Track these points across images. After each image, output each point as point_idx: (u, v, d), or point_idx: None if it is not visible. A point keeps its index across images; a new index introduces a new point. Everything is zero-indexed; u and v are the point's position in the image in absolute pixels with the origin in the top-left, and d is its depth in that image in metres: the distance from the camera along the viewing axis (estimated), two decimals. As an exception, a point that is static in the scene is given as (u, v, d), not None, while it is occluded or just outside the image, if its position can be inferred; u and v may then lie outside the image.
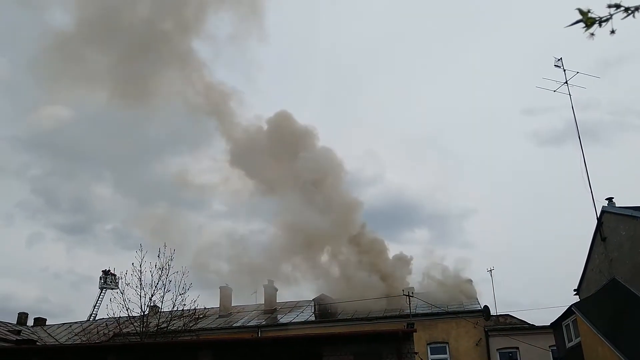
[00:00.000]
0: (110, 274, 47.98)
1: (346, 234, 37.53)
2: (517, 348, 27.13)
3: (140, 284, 23.91)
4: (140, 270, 23.93)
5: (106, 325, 27.54)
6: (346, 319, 30.46)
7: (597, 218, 21.29)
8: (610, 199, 21.11)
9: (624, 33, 2.66)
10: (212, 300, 37.46)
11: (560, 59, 24.23)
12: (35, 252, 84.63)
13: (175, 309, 24.13)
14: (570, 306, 20.22)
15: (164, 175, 57.80)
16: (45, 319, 39.49)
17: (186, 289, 24.22)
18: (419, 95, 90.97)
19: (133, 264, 23.99)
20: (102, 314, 36.86)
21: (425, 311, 29.77)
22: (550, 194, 78.50)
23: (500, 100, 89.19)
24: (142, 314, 24.04)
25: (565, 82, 24.01)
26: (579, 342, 19.28)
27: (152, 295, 23.96)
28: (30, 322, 38.16)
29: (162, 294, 24.02)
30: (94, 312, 48.48)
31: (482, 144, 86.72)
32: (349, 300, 30.98)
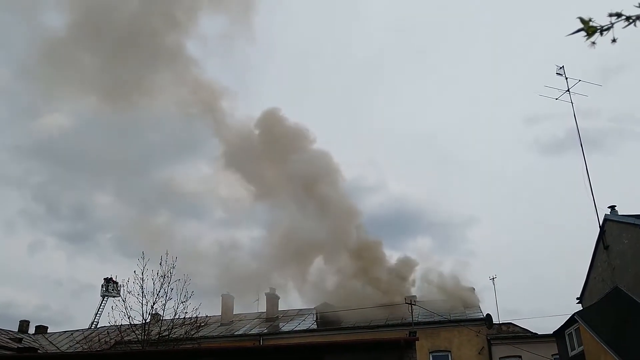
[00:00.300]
0: (112, 282, 47.90)
1: (343, 241, 36.87)
2: (520, 357, 27.02)
3: (142, 292, 23.94)
4: (142, 278, 23.98)
5: (108, 333, 27.45)
6: (348, 327, 30.37)
7: (600, 226, 21.25)
8: (612, 207, 21.08)
9: (624, 41, 2.67)
10: (214, 309, 37.45)
11: (562, 67, 24.26)
12: (36, 260, 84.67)
13: (176, 317, 24.13)
14: (573, 314, 20.16)
15: (162, 182, 57.78)
16: (47, 327, 39.47)
17: (188, 297, 24.27)
18: (420, 103, 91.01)
19: (135, 272, 24.03)
20: (104, 322, 36.77)
21: (428, 319, 29.69)
22: (553, 202, 78.43)
23: (502, 109, 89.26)
24: (144, 321, 24.02)
25: (567, 90, 24.03)
26: (582, 351, 19.21)
27: (154, 303, 23.98)
28: (31, 330, 38.13)
29: (164, 302, 24.05)
30: (96, 320, 48.35)
31: (485, 152, 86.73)
32: (350, 308, 30.89)
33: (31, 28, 54.28)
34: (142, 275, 23.93)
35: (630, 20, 2.59)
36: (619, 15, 2.61)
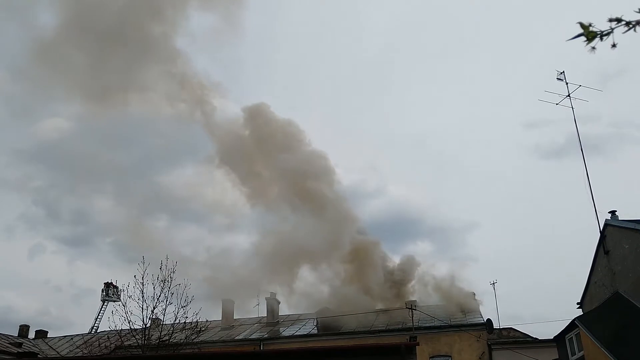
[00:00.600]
0: (112, 287, 47.82)
1: (339, 245, 36.03)
2: (521, 362, 26.98)
3: (142, 297, 23.93)
4: (142, 283, 23.97)
5: (108, 338, 27.39)
6: (348, 332, 30.30)
7: (600, 231, 21.23)
8: (613, 212, 21.05)
9: (623, 46, 2.69)
10: (214, 313, 37.38)
11: (563, 72, 24.25)
12: (36, 264, 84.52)
13: (177, 321, 24.11)
14: (574, 319, 20.14)
15: (160, 186, 57.61)
16: (47, 332, 39.45)
17: (188, 301, 24.26)
18: (420, 108, 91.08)
19: (135, 276, 24.02)
20: (104, 327, 36.67)
21: (428, 324, 29.65)
22: (553, 207, 78.27)
23: (503, 114, 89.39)
24: (144, 326, 24.01)
25: (568, 95, 24.04)
26: (582, 356, 19.19)
27: (154, 308, 23.97)
28: (31, 335, 38.09)
29: (164, 307, 24.04)
30: (96, 325, 48.29)
31: (485, 156, 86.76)
32: (351, 313, 30.84)
33: (25, 28, 53.96)
34: (143, 279, 23.98)
35: (630, 26, 2.61)
36: (619, 20, 2.62)
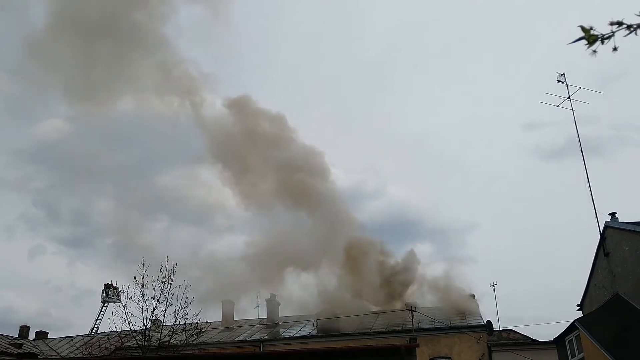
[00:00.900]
0: (113, 288, 47.84)
1: (334, 245, 35.51)
2: (520, 363, 26.97)
3: (143, 298, 23.95)
4: (142, 284, 23.98)
5: (108, 339, 27.41)
6: (348, 334, 30.28)
7: (600, 233, 21.24)
8: (613, 214, 21.06)
9: (623, 49, 2.71)
10: (215, 314, 37.36)
11: (563, 74, 24.24)
12: (36, 265, 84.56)
13: (177, 322, 24.12)
14: (574, 321, 20.13)
15: (160, 186, 57.57)
16: (47, 333, 39.41)
17: (188, 302, 24.28)
18: (420, 109, 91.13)
19: (135, 278, 24.04)
20: (104, 328, 36.69)
21: (428, 326, 29.65)
22: (553, 208, 78.31)
23: (503, 115, 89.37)
24: (144, 327, 24.02)
25: (568, 97, 24.03)
26: (582, 358, 19.17)
27: (154, 309, 23.99)
28: (31, 336, 38.07)
29: (164, 308, 24.06)
30: (96, 326, 48.32)
31: (485, 157, 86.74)
32: (351, 314, 30.84)
33: (18, 25, 53.92)
34: (143, 280, 23.99)
35: (632, 29, 2.63)
36: (620, 23, 2.64)
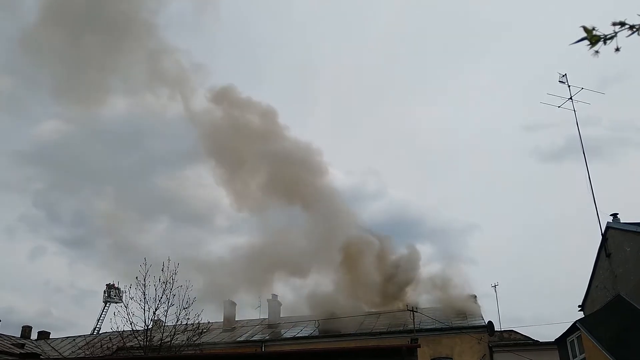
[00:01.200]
0: (114, 288, 47.93)
1: (334, 244, 35.05)
2: (522, 364, 26.96)
3: (144, 298, 23.98)
4: (144, 284, 24.02)
5: (110, 339, 27.45)
6: (350, 334, 30.28)
7: (602, 234, 21.24)
8: (615, 215, 21.06)
9: (624, 49, 2.72)
10: (216, 315, 37.35)
11: (565, 74, 24.15)
12: (37, 266, 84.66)
13: (179, 323, 24.15)
14: (575, 322, 20.13)
15: (160, 187, 57.48)
16: (49, 333, 39.46)
17: (190, 303, 24.29)
18: (420, 111, 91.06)
19: (137, 278, 24.07)
20: (106, 328, 36.76)
21: (429, 326, 29.64)
22: (554, 210, 78.26)
23: (502, 116, 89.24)
24: (146, 328, 24.05)
25: (570, 98, 23.95)
26: (584, 358, 19.17)
27: (156, 309, 24.02)
28: (34, 336, 38.13)
29: (166, 308, 24.09)
30: (98, 326, 48.43)
31: (486, 158, 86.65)
32: (352, 315, 30.85)
33: (12, 20, 53.68)
34: (144, 281, 24.03)
35: (634, 29, 2.64)
36: (622, 24, 2.66)
